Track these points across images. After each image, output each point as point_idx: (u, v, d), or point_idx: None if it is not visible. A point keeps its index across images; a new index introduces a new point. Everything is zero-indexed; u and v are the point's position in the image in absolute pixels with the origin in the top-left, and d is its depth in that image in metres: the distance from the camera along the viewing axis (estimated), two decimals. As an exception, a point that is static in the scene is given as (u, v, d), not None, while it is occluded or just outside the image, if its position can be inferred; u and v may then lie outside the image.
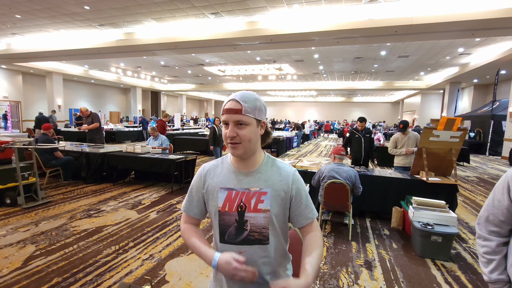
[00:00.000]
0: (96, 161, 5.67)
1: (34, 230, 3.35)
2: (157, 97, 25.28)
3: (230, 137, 0.93)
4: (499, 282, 1.07)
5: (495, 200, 1.10)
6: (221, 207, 0.99)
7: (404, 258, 2.87)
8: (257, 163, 1.01)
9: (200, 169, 1.08)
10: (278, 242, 1.01)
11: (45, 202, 4.38)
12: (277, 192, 0.98)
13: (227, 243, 0.99)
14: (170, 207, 4.37)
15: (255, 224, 0.97)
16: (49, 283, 2.31)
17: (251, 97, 0.95)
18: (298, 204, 1.00)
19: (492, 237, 1.10)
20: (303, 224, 1.02)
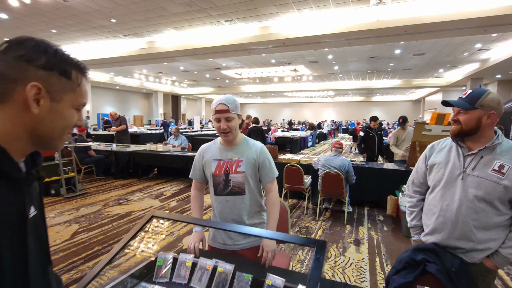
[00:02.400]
0: (123, 159, 6.36)
1: (76, 214, 4.00)
2: (177, 100, 26.36)
3: (223, 129, 1.40)
4: (416, 227, 1.48)
5: (418, 167, 1.51)
6: (214, 171, 1.49)
7: (391, 238, 3.21)
8: (237, 143, 1.50)
9: (200, 148, 1.60)
10: (252, 195, 1.49)
11: (82, 193, 5.07)
12: (249, 160, 1.46)
13: (218, 195, 1.49)
14: (188, 198, 4.91)
15: (236, 181, 1.46)
16: (92, 249, 2.90)
17: (232, 99, 1.43)
18: (264, 168, 1.49)
19: (415, 195, 1.51)
20: (267, 181, 1.51)
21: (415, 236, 1.48)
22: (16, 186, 0.53)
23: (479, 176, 1.23)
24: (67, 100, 0.58)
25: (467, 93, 1.29)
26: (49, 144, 0.60)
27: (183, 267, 1.24)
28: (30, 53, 0.53)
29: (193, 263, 1.25)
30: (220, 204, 1.49)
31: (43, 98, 0.54)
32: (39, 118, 0.55)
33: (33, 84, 0.53)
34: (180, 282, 1.20)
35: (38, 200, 0.62)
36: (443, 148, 1.40)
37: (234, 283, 1.13)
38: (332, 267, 2.58)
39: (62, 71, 0.57)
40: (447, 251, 1.29)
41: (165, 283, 1.20)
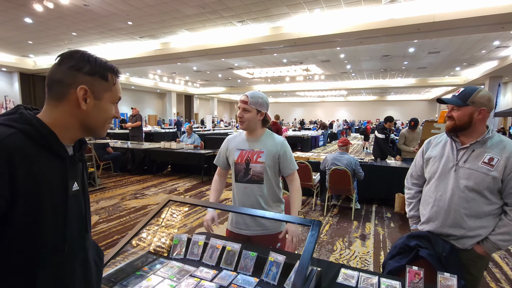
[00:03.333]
0: (139, 155, 6.63)
1: (96, 206, 4.25)
2: (190, 100, 26.81)
3: (239, 116, 1.57)
4: (414, 217, 1.58)
5: (416, 161, 1.61)
6: (236, 159, 1.62)
7: (398, 234, 3.27)
8: (259, 135, 1.63)
9: (226, 138, 1.75)
10: (270, 185, 1.60)
11: (101, 187, 5.35)
12: (270, 151, 1.57)
13: (238, 182, 1.63)
14: (200, 193, 5.10)
15: (255, 170, 1.58)
16: (111, 238, 3.12)
17: (256, 96, 1.56)
18: (284, 160, 1.59)
19: (413, 187, 1.61)
20: (288, 173, 1.62)
21: (413, 225, 1.58)
22: (63, 163, 0.68)
23: (470, 168, 1.33)
24: (106, 98, 0.75)
25: (460, 91, 1.38)
26: (95, 131, 0.76)
27: (196, 246, 1.39)
28: (78, 63, 0.70)
29: (204, 242, 1.39)
30: (239, 191, 1.62)
31: (89, 97, 0.71)
32: (87, 113, 0.71)
33: (81, 87, 0.69)
34: (193, 259, 1.35)
35: (82, 179, 0.76)
36: (439, 143, 1.50)
37: (241, 260, 1.27)
38: (337, 259, 2.68)
39: (101, 75, 0.73)
40: (439, 238, 1.38)
41: (180, 260, 1.36)
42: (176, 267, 1.28)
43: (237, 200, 1.64)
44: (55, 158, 0.67)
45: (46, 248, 0.64)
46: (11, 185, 0.57)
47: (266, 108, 1.60)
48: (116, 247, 1.24)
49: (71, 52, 0.71)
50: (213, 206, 1.52)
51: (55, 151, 0.66)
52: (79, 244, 0.73)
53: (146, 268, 1.27)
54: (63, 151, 0.68)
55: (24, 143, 0.62)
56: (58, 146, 0.67)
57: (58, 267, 0.67)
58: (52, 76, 0.69)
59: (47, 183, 0.64)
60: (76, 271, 0.71)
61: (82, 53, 0.72)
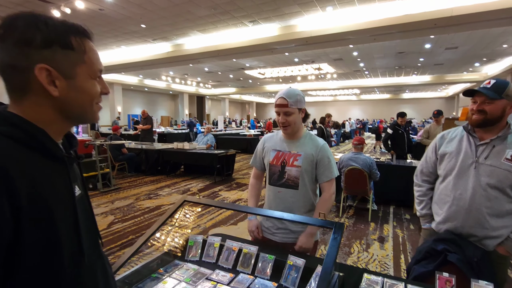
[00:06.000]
0: (153, 156, 6.70)
1: (111, 206, 4.31)
2: (202, 101, 27.04)
3: (281, 122, 1.43)
4: (426, 215, 1.51)
5: (427, 157, 1.53)
6: (271, 161, 1.52)
7: (418, 237, 3.13)
8: (298, 136, 1.50)
9: (263, 137, 1.66)
10: (305, 191, 1.47)
11: (116, 188, 5.43)
12: (308, 155, 1.45)
13: (272, 185, 1.53)
14: (213, 193, 5.09)
15: (291, 174, 1.47)
16: (126, 238, 3.14)
17: (293, 93, 1.42)
18: (322, 166, 1.45)
19: (424, 184, 1.53)
20: (323, 180, 1.47)
21: (425, 224, 1.50)
22: (62, 165, 0.56)
23: (492, 165, 1.26)
24: (81, 73, 0.56)
25: (491, 82, 1.29)
26: (83, 119, 0.62)
27: (212, 248, 1.36)
28: (25, 33, 0.50)
29: (220, 244, 1.36)
30: (272, 194, 1.52)
31: (57, 79, 0.53)
32: (63, 99, 0.54)
33: (40, 67, 0.51)
34: (209, 261, 1.32)
35: (81, 180, 0.65)
36: (454, 138, 1.42)
37: (258, 263, 1.22)
38: (354, 262, 2.60)
39: (62, 43, 0.54)
40: (469, 242, 1.30)
41: (195, 262, 1.33)
42: (191, 270, 1.25)
43: (269, 204, 1.55)
44: (52, 161, 0.55)
45: (64, 266, 0.54)
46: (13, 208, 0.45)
47: (304, 103, 1.48)
48: (132, 248, 1.22)
49: (12, 17, 0.51)
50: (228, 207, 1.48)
51: (51, 152, 0.54)
52: (96, 252, 0.66)
53: (161, 270, 1.25)
54: (59, 151, 0.56)
55: (13, 150, 0.49)
56: (53, 146, 0.54)
57: (80, 282, 0.58)
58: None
59: (52, 193, 0.52)
60: (99, 283, 0.64)
61: (26, 17, 0.52)
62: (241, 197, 4.86)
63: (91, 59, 0.58)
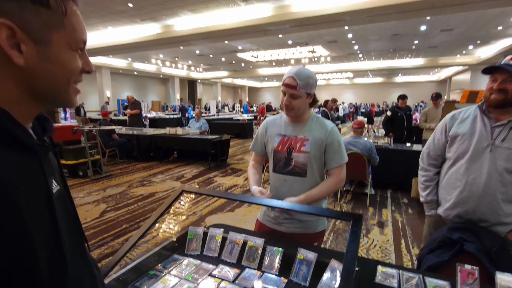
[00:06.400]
0: (144, 142, 6.52)
1: (103, 194, 4.17)
2: (193, 85, 26.46)
3: (285, 104, 1.29)
4: (432, 201, 1.44)
5: (435, 139, 1.44)
6: (276, 147, 1.39)
7: (417, 221, 3.13)
8: (305, 120, 1.37)
9: (264, 121, 1.50)
10: (314, 179, 1.35)
11: (107, 175, 5.27)
12: (316, 140, 1.32)
13: (276, 172, 1.40)
14: (208, 179, 5.00)
15: (298, 161, 1.34)
16: (120, 227, 3.03)
17: (305, 74, 1.25)
18: (331, 150, 1.33)
19: (431, 168, 1.45)
20: (333, 166, 1.34)
21: (430, 211, 1.44)
22: (33, 156, 0.43)
23: (510, 147, 1.19)
24: (58, 40, 0.44)
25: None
26: (55, 100, 0.48)
27: (213, 240, 1.26)
28: None
29: (223, 237, 1.26)
30: (277, 182, 1.40)
31: (23, 42, 0.40)
32: (30, 70, 0.42)
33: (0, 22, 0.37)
34: (211, 255, 1.22)
35: (59, 173, 0.52)
36: (466, 118, 1.33)
37: (265, 257, 1.13)
38: (355, 247, 2.57)
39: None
40: (488, 230, 1.23)
41: (196, 256, 1.23)
42: (192, 265, 1.15)
43: (274, 192, 1.43)
44: (20, 152, 0.41)
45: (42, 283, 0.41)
46: None
47: (315, 87, 1.33)
48: (128, 243, 1.10)
49: None
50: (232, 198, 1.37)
51: (18, 140, 0.41)
52: (82, 260, 0.53)
53: (159, 266, 1.14)
54: (29, 139, 0.43)
55: None
56: (20, 132, 0.41)
57: None
58: None
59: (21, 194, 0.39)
60: None
61: None
62: (237, 183, 4.78)
63: (73, 24, 0.46)
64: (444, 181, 1.38)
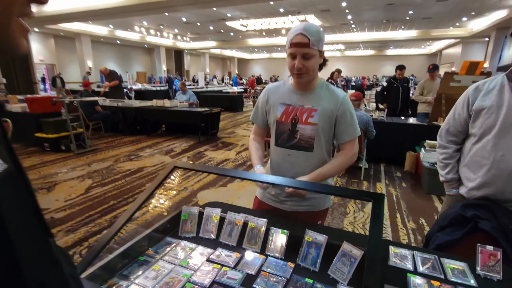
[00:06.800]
0: (130, 115, 6.22)
1: (88, 169, 3.98)
2: (180, 56, 25.32)
3: (297, 68, 1.09)
4: (453, 180, 1.34)
5: (456, 114, 1.32)
6: (279, 117, 1.23)
7: (411, 194, 3.14)
8: (313, 86, 1.20)
9: (265, 88, 1.32)
10: (321, 153, 1.22)
11: (92, 149, 5.04)
12: (326, 111, 1.17)
13: (279, 146, 1.25)
14: (198, 153, 4.85)
15: (304, 134, 1.20)
16: (108, 204, 2.90)
17: (315, 29, 1.08)
18: (343, 122, 1.19)
19: (450, 145, 1.35)
20: (345, 140, 1.21)
21: (451, 190, 1.35)
22: None
23: None
24: None
25: None
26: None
27: (210, 221, 1.14)
28: None
29: (220, 217, 1.14)
30: (280, 157, 1.26)
31: None
32: None
33: None
34: (207, 238, 1.11)
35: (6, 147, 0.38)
36: (492, 90, 1.20)
37: (269, 239, 1.03)
38: (351, 223, 2.54)
39: None
40: (505, 208, 1.15)
41: (192, 239, 1.11)
42: (188, 249, 1.04)
43: (276, 168, 1.30)
44: None
45: None
46: None
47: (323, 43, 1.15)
48: (116, 225, 0.97)
49: None
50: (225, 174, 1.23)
51: None
52: (45, 260, 0.39)
53: (150, 251, 1.02)
54: None
55: None
56: None
57: None
58: None
59: None
60: None
61: None
62: (228, 157, 4.66)
63: None
64: (467, 159, 1.27)
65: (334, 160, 1.24)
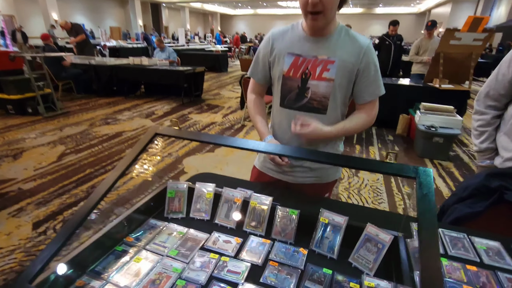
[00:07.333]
0: (105, 74, 5.67)
1: (60, 134, 3.63)
2: (157, 10, 23.27)
3: (313, 3, 0.82)
4: (488, 150, 1.19)
5: (499, 74, 1.13)
6: (286, 71, 0.99)
7: (405, 158, 3.08)
8: (329, 31, 0.94)
9: (269, 33, 1.05)
10: (335, 116, 1.01)
11: (63, 112, 4.60)
12: (345, 63, 0.93)
13: (285, 108, 1.03)
14: (182, 117, 4.56)
15: (317, 92, 0.97)
16: (84, 172, 2.65)
17: None
18: (365, 79, 0.96)
19: (489, 110, 1.18)
20: (366, 100, 0.99)
21: (484, 161, 1.21)
22: None
23: None
24: None
25: None
26: None
27: (203, 199, 0.95)
28: None
29: (215, 194, 0.95)
30: (285, 120, 1.04)
31: None
32: None
33: None
34: (200, 218, 0.93)
35: None
36: None
37: (275, 220, 0.86)
38: (346, 188, 2.46)
39: None
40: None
41: (181, 220, 0.93)
42: (176, 234, 0.86)
43: (279, 133, 1.08)
44: None
45: None
46: None
47: None
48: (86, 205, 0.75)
49: None
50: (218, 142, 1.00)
51: None
52: None
53: (130, 238, 0.84)
54: None
55: None
56: None
57: None
58: None
59: None
60: None
61: None
62: (215, 121, 4.40)
63: None
64: (508, 126, 1.12)
65: (356, 118, 1.02)
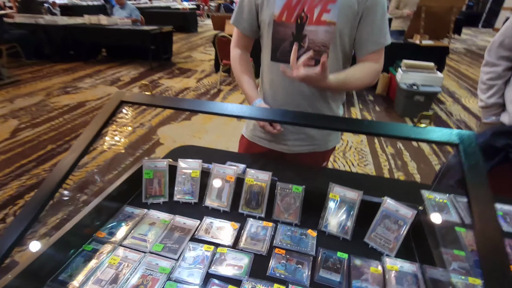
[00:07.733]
0: (57, 35, 4.97)
1: (11, 106, 3.19)
2: (112, -40, 20.53)
3: None
4: (495, 105, 1.12)
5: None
6: (278, 15, 0.81)
7: (386, 118, 3.07)
8: None
9: None
10: (337, 68, 0.85)
11: (12, 81, 4.03)
12: (349, 2, 0.76)
13: (277, 60, 0.86)
14: (152, 82, 4.19)
15: (315, 39, 0.80)
16: (44, 149, 2.36)
17: None
18: (370, 24, 0.79)
19: (501, 61, 1.09)
20: (370, 51, 0.82)
21: (490, 117, 1.14)
22: None
23: None
24: None
25: None
26: None
27: (188, 179, 0.80)
28: None
29: (202, 171, 0.80)
30: (278, 78, 0.88)
31: None
32: None
33: None
34: (187, 202, 0.79)
35: None
36: None
37: (276, 199, 0.74)
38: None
39: None
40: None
41: (163, 206, 0.78)
42: (160, 223, 0.71)
43: (270, 92, 0.92)
44: None
45: None
46: None
47: None
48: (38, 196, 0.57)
49: None
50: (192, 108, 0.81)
51: None
52: None
53: (102, 233, 0.68)
54: None
55: None
56: None
57: None
58: None
59: None
60: None
61: None
62: (188, 85, 4.09)
63: None
64: None
65: (361, 66, 0.85)
